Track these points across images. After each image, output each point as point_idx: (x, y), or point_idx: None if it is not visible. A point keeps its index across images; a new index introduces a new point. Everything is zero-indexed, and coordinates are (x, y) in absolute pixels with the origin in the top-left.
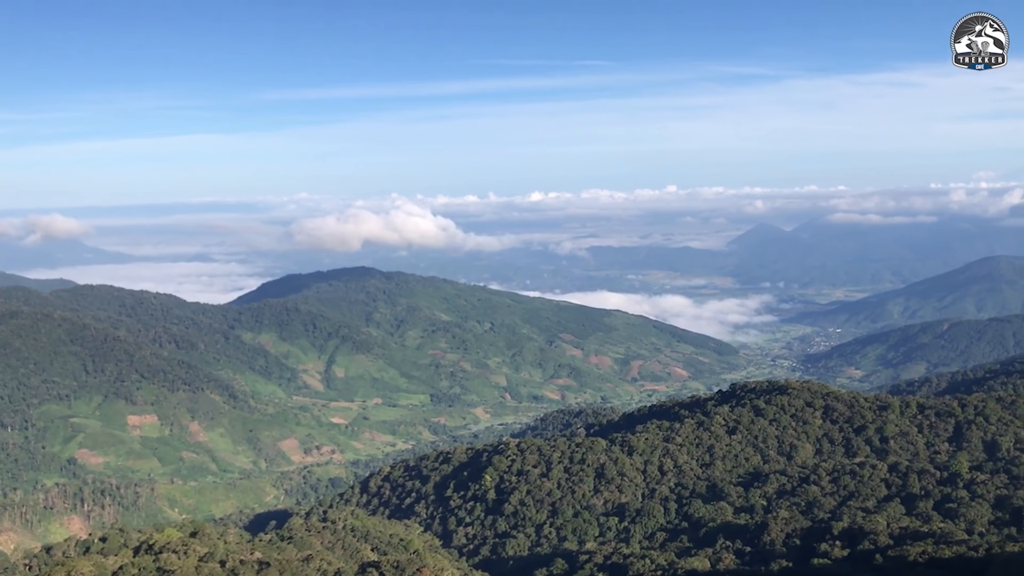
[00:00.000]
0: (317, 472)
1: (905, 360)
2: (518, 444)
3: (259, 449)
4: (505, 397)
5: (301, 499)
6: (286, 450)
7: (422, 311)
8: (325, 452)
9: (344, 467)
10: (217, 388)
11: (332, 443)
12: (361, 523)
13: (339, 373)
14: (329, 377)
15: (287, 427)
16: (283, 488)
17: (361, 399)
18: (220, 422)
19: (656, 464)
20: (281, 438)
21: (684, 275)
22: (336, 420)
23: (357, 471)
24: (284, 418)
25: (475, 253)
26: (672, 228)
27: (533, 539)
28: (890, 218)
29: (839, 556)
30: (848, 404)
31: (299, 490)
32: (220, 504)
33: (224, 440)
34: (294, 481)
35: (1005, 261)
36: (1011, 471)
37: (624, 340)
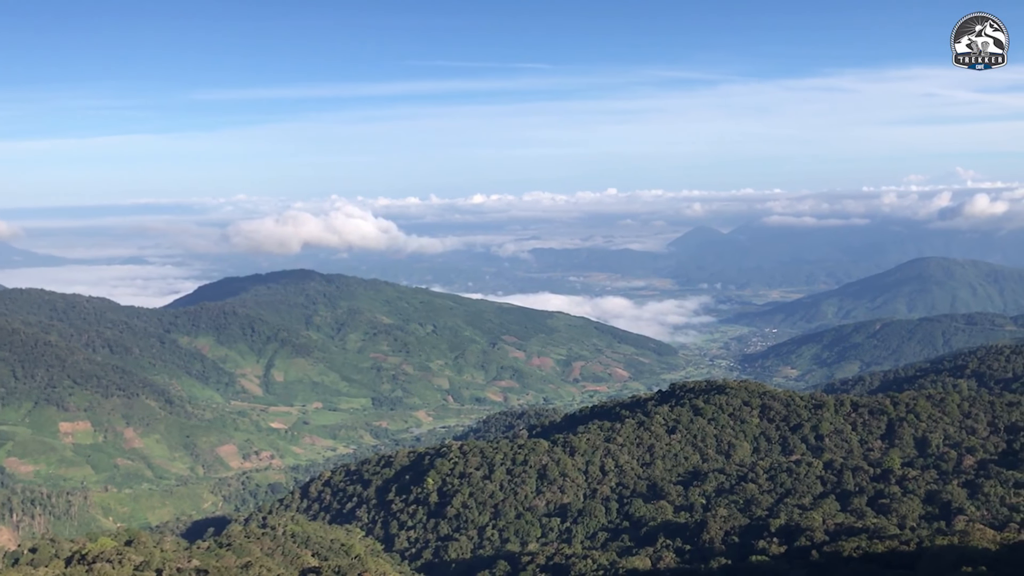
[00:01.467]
0: (256, 478)
1: (839, 359)
2: (460, 447)
3: (196, 455)
4: (448, 400)
5: (240, 505)
6: (224, 456)
7: (363, 314)
8: (264, 457)
9: (284, 472)
10: (153, 393)
11: (271, 448)
12: (301, 529)
13: (278, 377)
14: (268, 381)
15: (225, 432)
16: (221, 495)
17: (301, 403)
18: (156, 428)
19: (597, 464)
20: (219, 444)
21: (625, 277)
22: (275, 425)
23: (297, 476)
24: (222, 423)
25: (417, 255)
26: (613, 230)
27: (476, 541)
28: (824, 220)
29: (776, 552)
30: (784, 403)
31: (238, 496)
32: (156, 512)
33: (160, 446)
34: (233, 487)
35: (934, 262)
36: (940, 467)
37: (566, 341)
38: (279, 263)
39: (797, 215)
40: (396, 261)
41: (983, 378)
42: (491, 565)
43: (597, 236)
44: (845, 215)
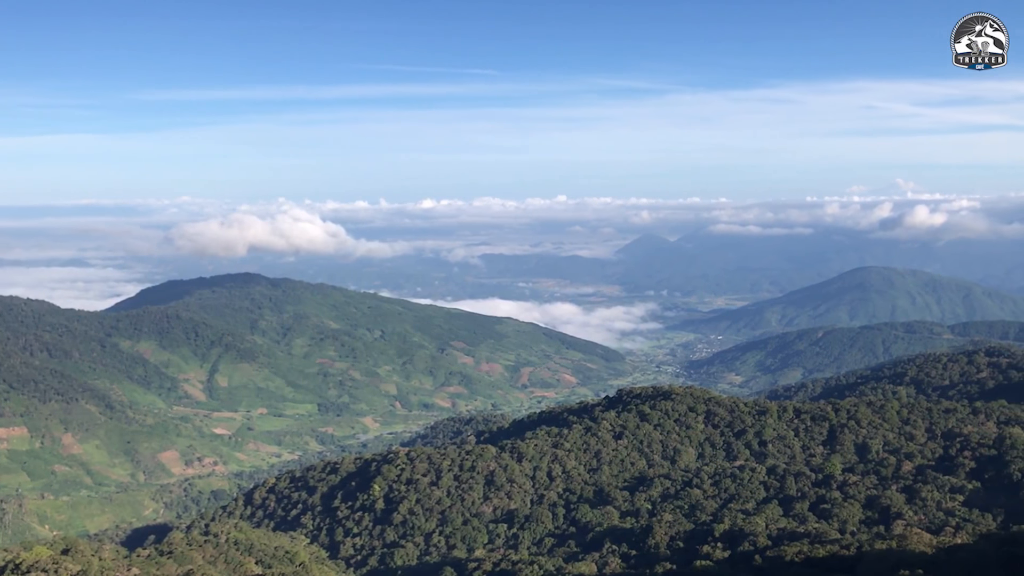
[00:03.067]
0: (199, 484)
1: (782, 366)
2: (408, 453)
3: (137, 461)
4: (395, 406)
5: (182, 512)
6: (166, 462)
7: (310, 319)
8: (207, 464)
9: (227, 479)
10: (93, 398)
11: (215, 454)
12: (245, 536)
13: (222, 382)
14: (212, 387)
15: (167, 438)
16: (163, 501)
17: (245, 409)
18: (96, 433)
19: (545, 470)
20: (161, 450)
21: (573, 283)
22: (219, 431)
23: (241, 483)
24: (164, 429)
25: (365, 260)
26: (562, 237)
27: (422, 548)
28: (769, 229)
29: (720, 557)
30: (729, 409)
31: (180, 503)
32: (95, 519)
33: (100, 452)
34: (174, 494)
35: (875, 272)
36: (880, 472)
37: (515, 347)
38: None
39: (742, 224)
40: (344, 265)
41: (921, 385)
42: (437, 572)
43: (547, 242)
44: (789, 224)
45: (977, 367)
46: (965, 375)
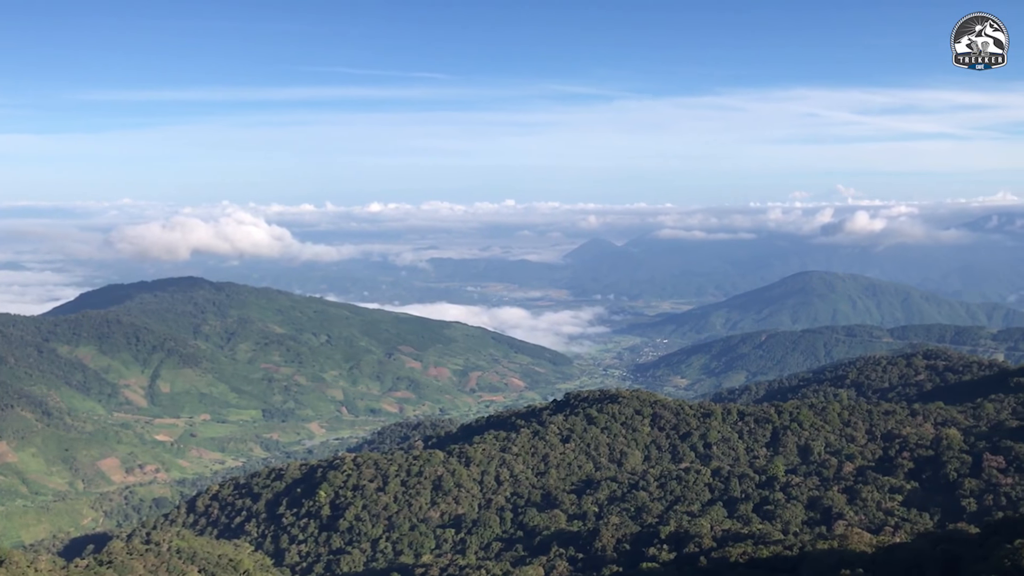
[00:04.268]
0: (140, 492)
1: (727, 369)
2: (354, 459)
3: (76, 469)
4: (342, 411)
5: (122, 521)
6: (106, 470)
7: (254, 323)
8: (149, 471)
9: (169, 486)
10: (29, 405)
11: (156, 461)
12: (187, 544)
13: (164, 388)
14: (153, 392)
15: (107, 445)
16: (103, 510)
17: (188, 415)
18: (32, 441)
19: (493, 474)
20: (100, 457)
21: (522, 287)
22: (161, 437)
23: (184, 490)
24: (104, 436)
25: (311, 263)
26: (510, 241)
27: (369, 554)
28: (713, 234)
29: (666, 559)
30: (674, 412)
31: (120, 512)
32: (31, 529)
33: (36, 460)
34: (115, 502)
35: (816, 276)
36: (822, 473)
37: (463, 352)
38: (166, 270)
39: (687, 229)
40: (290, 269)
41: (862, 388)
42: None
43: (495, 247)
44: (733, 229)
45: (915, 370)
46: (904, 377)
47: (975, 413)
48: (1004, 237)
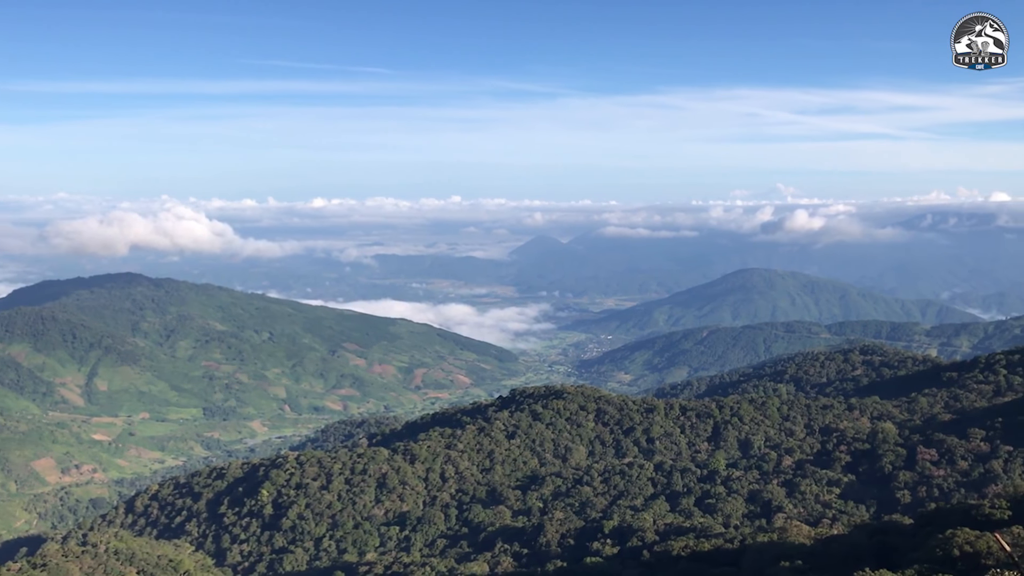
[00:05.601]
0: (76, 493)
1: (669, 364)
2: (297, 457)
3: (8, 470)
4: (284, 409)
5: (58, 523)
6: (40, 470)
7: (195, 320)
8: (85, 471)
9: (107, 487)
10: None
11: (94, 461)
12: (126, 545)
13: (102, 387)
14: (91, 391)
15: (42, 445)
16: (36, 512)
17: (127, 414)
18: None
19: (438, 471)
20: (35, 457)
21: (468, 284)
22: (98, 437)
23: (122, 490)
24: (38, 435)
25: (253, 259)
26: (456, 238)
27: (312, 553)
28: (656, 232)
29: (610, 553)
30: (618, 407)
31: (55, 513)
32: None
33: None
34: (50, 503)
35: (756, 273)
36: (762, 467)
37: (408, 348)
38: (104, 266)
39: (631, 226)
40: (231, 265)
41: (800, 383)
42: None
43: (441, 243)
44: (676, 227)
45: (852, 365)
46: (841, 372)
47: (909, 407)
48: (938, 236)
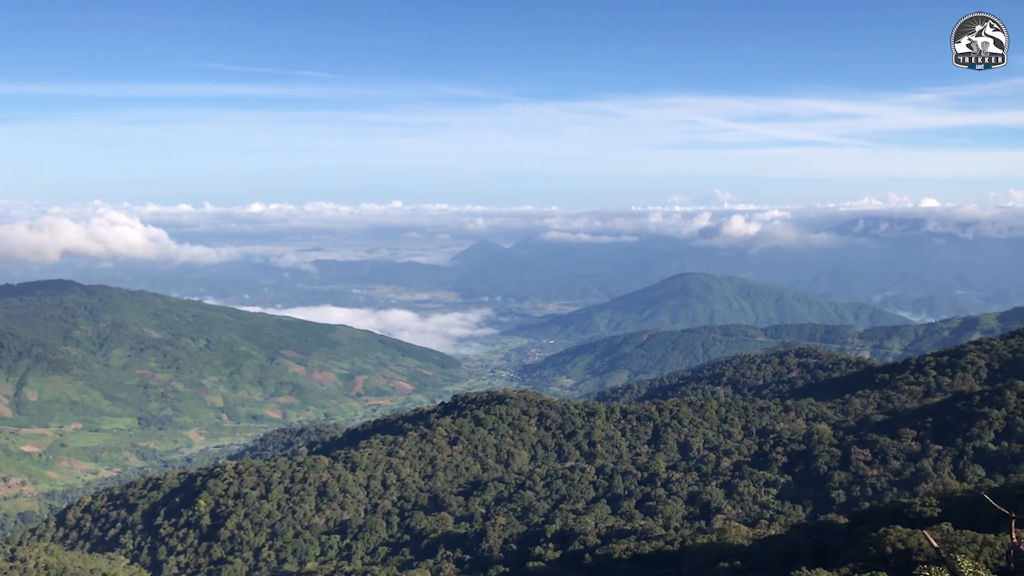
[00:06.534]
0: (4, 507)
1: (610, 368)
2: (235, 466)
3: None
4: (222, 418)
5: None
6: None
7: (129, 328)
8: (14, 484)
9: (37, 500)
10: None
11: (22, 473)
12: (57, 559)
13: (31, 396)
14: (19, 401)
15: None
16: None
17: (58, 424)
18: None
19: (379, 479)
20: None
21: (409, 290)
22: (27, 448)
23: (53, 503)
24: None
25: (189, 266)
26: (398, 243)
27: (251, 563)
28: (597, 237)
29: (552, 558)
30: (560, 411)
31: None
32: None
33: None
34: None
35: (695, 278)
36: (701, 469)
37: (349, 355)
38: (34, 273)
39: (573, 232)
40: (166, 272)
41: (738, 385)
42: None
43: (382, 248)
44: (616, 232)
45: (788, 367)
46: (777, 375)
47: (843, 408)
48: (870, 240)
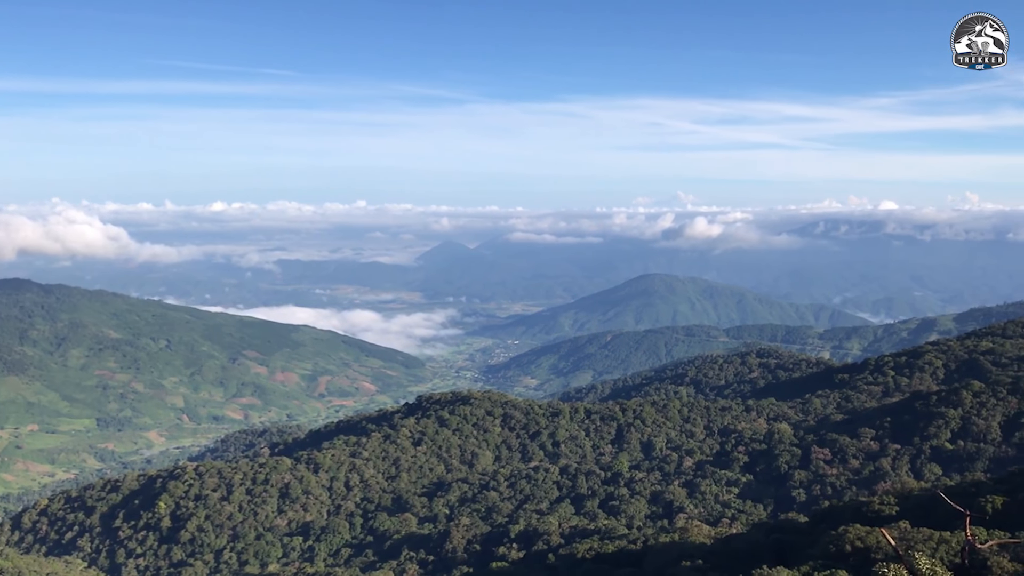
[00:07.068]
0: None
1: (575, 369)
2: (196, 468)
3: None
4: (183, 419)
5: None
6: None
7: (88, 328)
8: None
9: None
10: None
11: None
12: (11, 564)
13: None
14: None
15: None
16: None
17: (13, 426)
18: None
19: (342, 480)
20: None
21: (373, 290)
22: None
23: (8, 507)
24: None
25: (150, 265)
26: (362, 243)
27: (212, 566)
28: (562, 238)
29: (516, 558)
30: (524, 412)
31: None
32: None
33: None
34: None
35: (658, 279)
36: (664, 468)
37: (312, 356)
38: None
39: (538, 232)
40: (126, 271)
41: (700, 385)
42: None
43: (346, 248)
44: (581, 233)
45: (749, 367)
46: (739, 375)
47: (804, 408)
48: (830, 242)
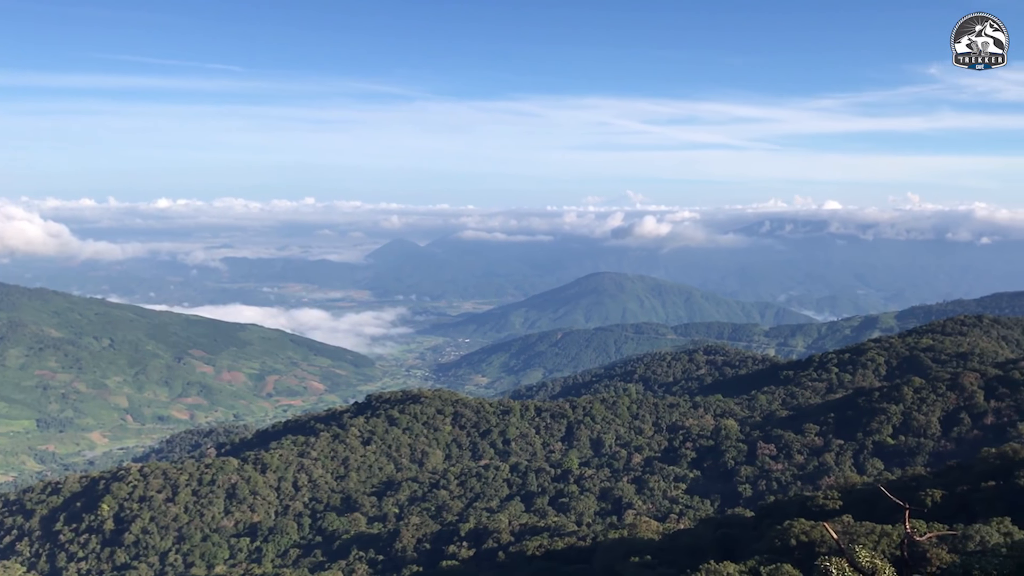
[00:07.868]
0: None
1: (525, 367)
2: (141, 469)
3: None
4: (127, 419)
5: None
6: None
7: (27, 327)
8: None
9: None
10: None
11: None
12: None
13: None
14: None
15: None
16: None
17: None
18: None
19: (290, 480)
20: None
21: (322, 288)
22: None
23: None
24: None
25: (92, 262)
26: (310, 240)
27: (157, 568)
28: (513, 236)
29: (466, 556)
30: (475, 410)
31: None
32: None
33: None
34: None
35: (607, 277)
36: (613, 465)
37: (259, 355)
38: None
39: (489, 231)
40: (68, 269)
41: (649, 382)
42: None
43: (293, 246)
44: (531, 232)
45: (697, 364)
46: (687, 372)
47: (750, 404)
48: (775, 241)
